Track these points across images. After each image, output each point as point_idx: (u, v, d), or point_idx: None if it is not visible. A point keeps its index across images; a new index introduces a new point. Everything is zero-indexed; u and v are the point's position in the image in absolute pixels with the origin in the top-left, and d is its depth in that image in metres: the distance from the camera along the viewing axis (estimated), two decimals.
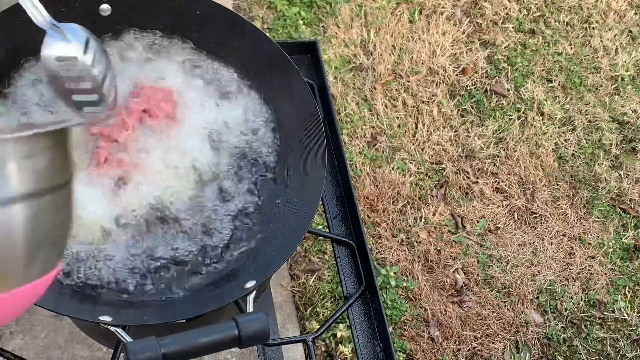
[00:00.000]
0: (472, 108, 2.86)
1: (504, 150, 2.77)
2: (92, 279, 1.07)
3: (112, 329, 0.99)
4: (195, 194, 1.18)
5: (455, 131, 2.78)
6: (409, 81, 2.87)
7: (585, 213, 2.67)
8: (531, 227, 2.61)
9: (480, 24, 3.12)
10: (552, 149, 2.81)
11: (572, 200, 2.69)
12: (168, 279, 1.10)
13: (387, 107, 2.79)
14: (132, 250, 1.11)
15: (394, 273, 2.39)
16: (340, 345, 2.18)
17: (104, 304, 1.04)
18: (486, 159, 2.73)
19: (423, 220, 2.54)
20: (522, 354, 2.32)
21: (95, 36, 1.04)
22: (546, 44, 3.11)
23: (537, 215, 2.63)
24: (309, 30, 2.94)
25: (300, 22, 2.95)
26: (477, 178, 2.68)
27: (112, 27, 1.26)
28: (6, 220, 0.63)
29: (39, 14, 0.97)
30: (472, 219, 2.58)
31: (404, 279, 2.40)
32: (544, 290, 2.47)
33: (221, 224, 1.17)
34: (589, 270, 2.54)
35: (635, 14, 3.27)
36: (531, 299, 2.45)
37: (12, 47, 1.18)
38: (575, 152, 2.82)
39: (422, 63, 2.94)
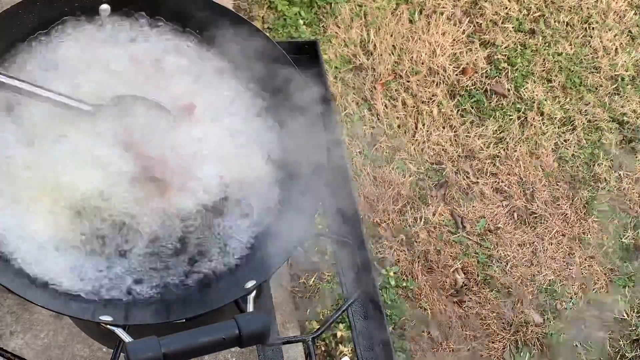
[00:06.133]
0: (472, 108, 2.86)
1: (503, 150, 2.77)
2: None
3: (112, 328, 0.98)
4: None
5: (455, 131, 2.78)
6: (409, 81, 2.87)
7: (585, 213, 2.67)
8: (531, 227, 2.61)
9: (480, 24, 3.12)
10: (552, 149, 2.81)
11: (572, 200, 2.69)
12: (168, 279, 1.10)
13: (387, 107, 2.79)
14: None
15: (394, 273, 2.39)
16: (340, 345, 2.18)
17: (105, 304, 1.04)
18: (486, 159, 2.73)
19: (423, 220, 2.54)
20: (521, 353, 2.33)
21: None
22: (546, 44, 3.10)
23: (537, 215, 2.63)
24: (309, 30, 2.94)
25: (301, 22, 2.95)
26: (477, 178, 2.68)
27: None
28: None
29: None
30: (472, 219, 2.58)
31: (403, 279, 2.40)
32: (544, 290, 2.47)
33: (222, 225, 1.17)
34: (589, 270, 2.54)
35: (635, 14, 3.27)
36: (531, 299, 2.45)
37: None
38: (575, 152, 2.82)
39: (422, 63, 2.93)
